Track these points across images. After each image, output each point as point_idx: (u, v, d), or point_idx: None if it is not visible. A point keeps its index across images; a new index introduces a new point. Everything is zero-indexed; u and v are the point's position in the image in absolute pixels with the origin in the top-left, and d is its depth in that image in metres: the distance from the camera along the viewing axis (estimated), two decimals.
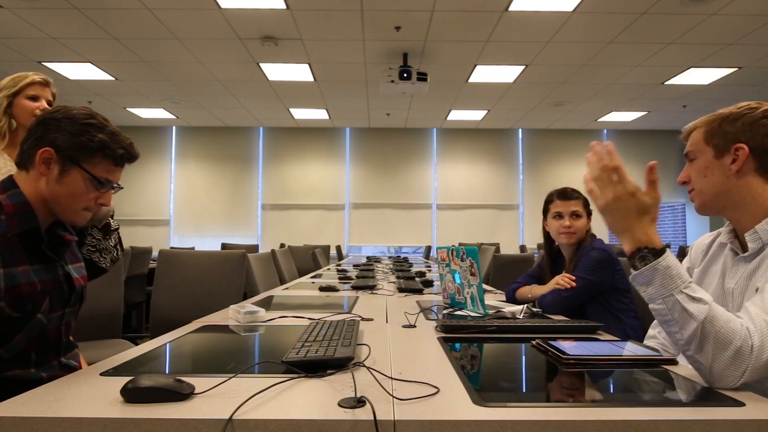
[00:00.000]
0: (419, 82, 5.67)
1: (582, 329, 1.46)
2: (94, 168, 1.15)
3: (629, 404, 0.83)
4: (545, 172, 9.44)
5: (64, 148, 1.13)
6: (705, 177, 1.15)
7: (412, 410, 0.77)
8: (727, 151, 1.12)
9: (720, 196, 1.14)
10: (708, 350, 0.89)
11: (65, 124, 1.14)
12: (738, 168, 1.10)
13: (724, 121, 1.14)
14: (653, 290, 0.94)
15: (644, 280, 0.95)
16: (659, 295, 0.93)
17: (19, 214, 1.11)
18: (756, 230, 1.08)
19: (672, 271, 0.93)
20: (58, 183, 1.14)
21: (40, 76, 1.95)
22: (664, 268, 0.93)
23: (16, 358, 1.12)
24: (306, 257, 5.47)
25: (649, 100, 7.48)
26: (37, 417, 0.74)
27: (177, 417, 0.74)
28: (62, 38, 5.34)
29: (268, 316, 1.66)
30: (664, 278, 0.93)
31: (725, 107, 1.16)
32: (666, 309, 0.92)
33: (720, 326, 0.89)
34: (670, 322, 0.92)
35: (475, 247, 1.78)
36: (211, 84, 6.88)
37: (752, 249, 1.09)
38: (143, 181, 9.30)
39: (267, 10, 4.70)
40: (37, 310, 1.13)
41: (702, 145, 1.16)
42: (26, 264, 1.11)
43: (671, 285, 0.92)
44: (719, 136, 1.13)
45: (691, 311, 0.90)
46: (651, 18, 4.77)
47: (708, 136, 1.15)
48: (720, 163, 1.13)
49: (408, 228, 9.43)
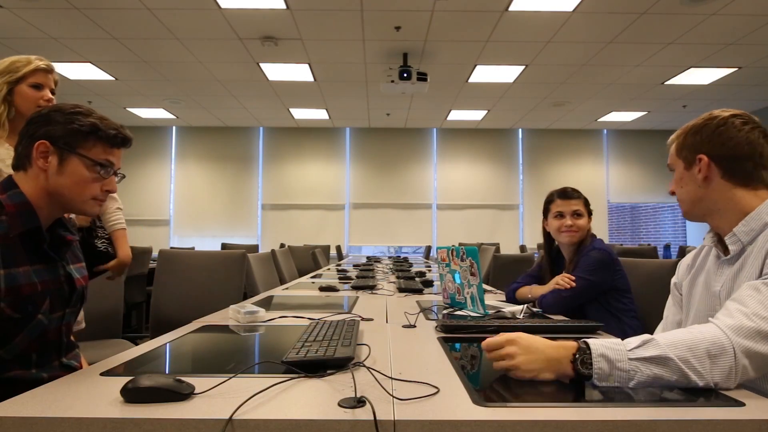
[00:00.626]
0: (419, 82, 5.67)
1: (582, 329, 1.46)
2: (91, 152, 1.16)
3: (629, 404, 0.83)
4: (545, 172, 9.44)
5: (59, 138, 1.13)
6: (681, 188, 1.23)
7: (412, 410, 0.77)
8: (694, 162, 1.19)
9: (696, 204, 1.21)
10: (700, 368, 0.88)
11: (54, 116, 1.15)
12: (704, 177, 1.16)
13: (688, 134, 1.22)
14: (618, 375, 0.89)
15: (601, 377, 0.89)
16: (628, 378, 0.88)
17: (20, 214, 1.11)
18: (734, 233, 1.13)
19: (609, 353, 0.89)
20: (60, 174, 1.14)
21: (44, 62, 1.82)
22: (599, 358, 0.89)
23: (17, 359, 1.12)
24: (306, 257, 5.47)
25: (649, 100, 7.48)
26: (37, 417, 0.74)
27: (177, 417, 0.74)
28: (62, 38, 5.34)
29: (268, 316, 1.66)
30: (611, 366, 0.89)
31: (719, 109, 1.22)
32: (641, 375, 0.88)
33: (687, 346, 0.89)
34: (655, 380, 0.88)
35: (475, 247, 1.78)
36: (211, 84, 6.88)
37: (733, 251, 1.13)
38: (143, 181, 9.30)
39: (267, 10, 4.70)
40: (38, 310, 1.13)
41: (675, 158, 1.25)
42: (27, 264, 1.11)
43: (619, 359, 0.89)
44: (686, 148, 1.21)
45: (653, 355, 0.88)
46: (651, 18, 4.77)
47: (678, 149, 1.24)
48: (690, 173, 1.20)
49: (408, 228, 9.43)
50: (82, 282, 1.28)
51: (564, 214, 2.11)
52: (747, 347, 0.90)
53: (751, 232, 1.10)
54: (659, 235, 10.19)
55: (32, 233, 1.13)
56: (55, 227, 1.22)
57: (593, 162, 9.52)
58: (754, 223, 1.10)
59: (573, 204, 2.12)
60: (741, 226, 1.12)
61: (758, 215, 1.10)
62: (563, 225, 2.10)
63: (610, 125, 9.15)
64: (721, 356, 0.89)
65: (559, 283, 1.97)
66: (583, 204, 2.13)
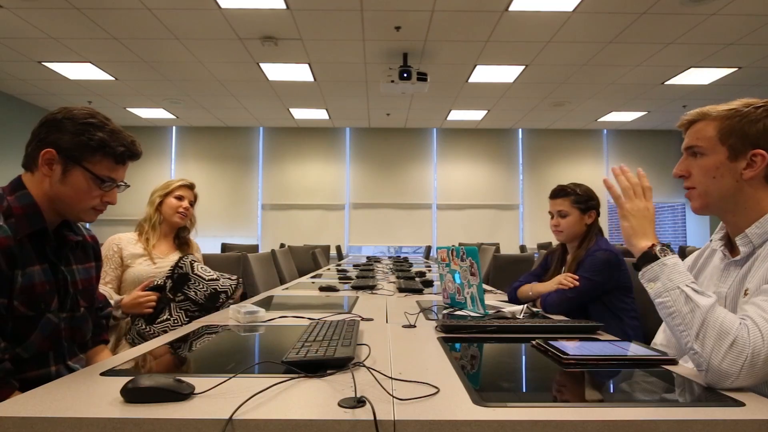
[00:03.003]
0: (419, 82, 5.67)
1: (582, 329, 1.46)
2: (96, 167, 1.16)
3: (629, 404, 0.83)
4: (545, 172, 9.43)
5: (66, 149, 1.14)
6: (713, 178, 1.08)
7: (412, 410, 0.77)
8: (743, 155, 1.05)
9: (725, 200, 1.08)
10: (708, 343, 0.90)
11: (66, 124, 1.14)
12: (752, 175, 1.04)
13: (741, 121, 1.05)
14: (660, 285, 0.98)
15: (653, 275, 1.00)
16: (665, 289, 0.97)
17: (27, 216, 1.12)
18: (746, 234, 1.06)
19: (679, 267, 0.99)
20: (62, 183, 1.15)
21: (188, 181, 2.36)
22: (672, 264, 0.99)
23: (35, 358, 1.14)
24: (306, 257, 5.47)
25: (649, 100, 7.48)
26: (37, 417, 0.74)
27: (177, 417, 0.74)
28: (62, 38, 5.34)
29: (268, 316, 1.66)
30: (671, 272, 0.98)
31: (732, 101, 1.10)
32: (671, 301, 0.96)
33: (721, 319, 0.91)
34: (674, 314, 0.95)
35: (475, 247, 1.78)
36: (211, 84, 6.88)
37: (743, 252, 1.07)
38: (143, 181, 9.26)
39: (267, 10, 4.70)
40: (48, 308, 1.15)
41: (715, 143, 1.07)
42: (36, 264, 1.13)
43: (678, 279, 0.97)
44: (736, 136, 1.05)
45: (696, 300, 0.93)
46: (651, 18, 4.77)
47: (723, 134, 1.06)
48: (733, 166, 1.06)
49: (408, 228, 9.43)
50: (82, 284, 1.28)
51: (553, 214, 2.17)
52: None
53: (764, 234, 1.05)
54: (659, 235, 10.02)
55: (39, 234, 1.14)
56: (61, 228, 1.23)
57: (593, 162, 9.52)
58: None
59: (557, 203, 2.15)
60: (755, 228, 1.05)
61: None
62: (552, 225, 2.18)
63: (610, 125, 9.15)
64: (735, 346, 0.89)
65: (563, 283, 1.96)
66: (569, 203, 2.12)
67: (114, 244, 2.14)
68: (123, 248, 2.14)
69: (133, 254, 2.13)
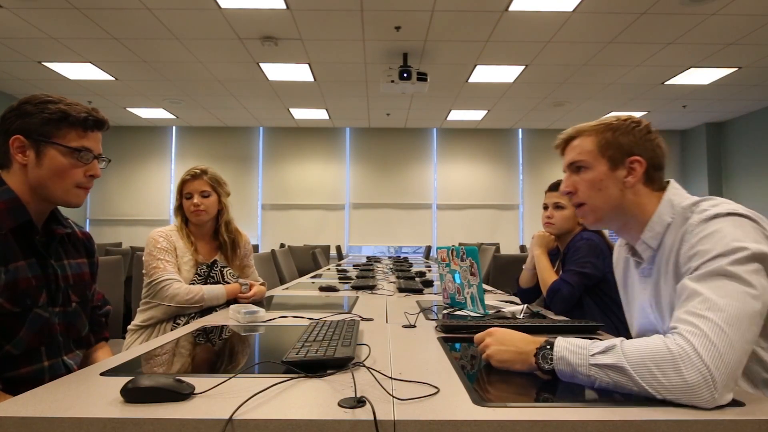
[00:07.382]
0: (419, 82, 5.66)
1: (582, 329, 1.46)
2: (65, 139, 1.16)
3: (629, 404, 0.83)
4: (545, 172, 9.43)
5: (32, 131, 1.14)
6: (600, 190, 1.11)
7: (412, 410, 0.77)
8: (622, 164, 1.10)
9: (615, 210, 1.11)
10: (661, 376, 0.80)
11: (25, 107, 1.15)
12: (634, 181, 1.09)
13: (615, 132, 1.12)
14: (579, 377, 0.88)
15: (565, 374, 0.90)
16: (583, 374, 0.87)
17: (10, 210, 1.12)
18: (643, 240, 1.09)
19: (571, 348, 0.89)
20: (39, 167, 1.14)
21: (190, 172, 2.22)
22: (560, 357, 0.90)
23: (26, 354, 1.13)
24: (306, 257, 5.48)
25: (649, 100, 7.48)
26: (37, 417, 0.74)
27: (177, 417, 0.74)
28: (62, 38, 5.34)
29: (268, 316, 1.66)
30: (569, 362, 0.88)
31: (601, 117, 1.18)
32: (600, 379, 0.85)
33: (642, 347, 0.84)
34: (611, 385, 0.85)
35: (475, 247, 1.78)
36: (211, 84, 6.88)
37: (647, 258, 1.10)
38: (143, 181, 9.29)
39: (267, 10, 4.70)
40: (35, 304, 1.14)
41: (595, 155, 1.12)
42: (21, 259, 1.12)
43: (580, 361, 0.87)
44: (614, 148, 1.11)
45: (611, 363, 0.84)
46: (651, 18, 4.77)
47: (602, 146, 1.12)
48: (615, 175, 1.10)
49: (408, 228, 9.42)
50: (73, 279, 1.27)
51: (547, 205, 2.17)
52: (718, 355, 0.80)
53: (657, 235, 1.07)
54: None
55: (24, 228, 1.14)
56: (49, 222, 1.23)
57: None
58: (658, 227, 1.07)
59: (556, 196, 2.15)
60: (647, 233, 1.08)
61: (659, 218, 1.07)
62: (544, 216, 2.17)
63: None
64: (688, 367, 0.79)
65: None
66: (568, 197, 2.14)
67: (164, 239, 2.08)
68: (177, 247, 2.08)
69: (182, 260, 2.08)
